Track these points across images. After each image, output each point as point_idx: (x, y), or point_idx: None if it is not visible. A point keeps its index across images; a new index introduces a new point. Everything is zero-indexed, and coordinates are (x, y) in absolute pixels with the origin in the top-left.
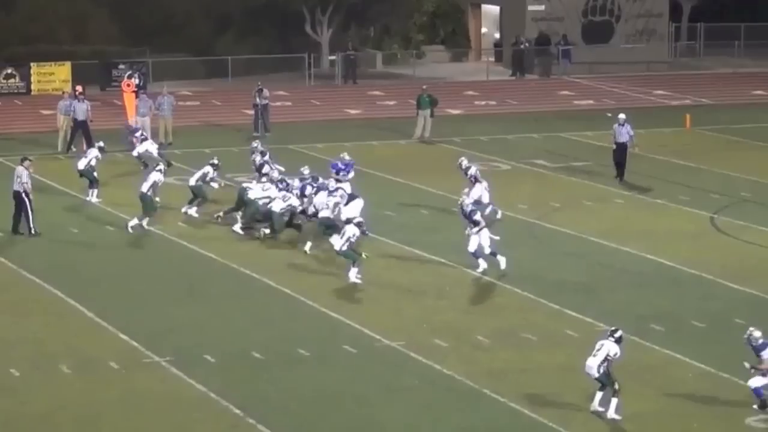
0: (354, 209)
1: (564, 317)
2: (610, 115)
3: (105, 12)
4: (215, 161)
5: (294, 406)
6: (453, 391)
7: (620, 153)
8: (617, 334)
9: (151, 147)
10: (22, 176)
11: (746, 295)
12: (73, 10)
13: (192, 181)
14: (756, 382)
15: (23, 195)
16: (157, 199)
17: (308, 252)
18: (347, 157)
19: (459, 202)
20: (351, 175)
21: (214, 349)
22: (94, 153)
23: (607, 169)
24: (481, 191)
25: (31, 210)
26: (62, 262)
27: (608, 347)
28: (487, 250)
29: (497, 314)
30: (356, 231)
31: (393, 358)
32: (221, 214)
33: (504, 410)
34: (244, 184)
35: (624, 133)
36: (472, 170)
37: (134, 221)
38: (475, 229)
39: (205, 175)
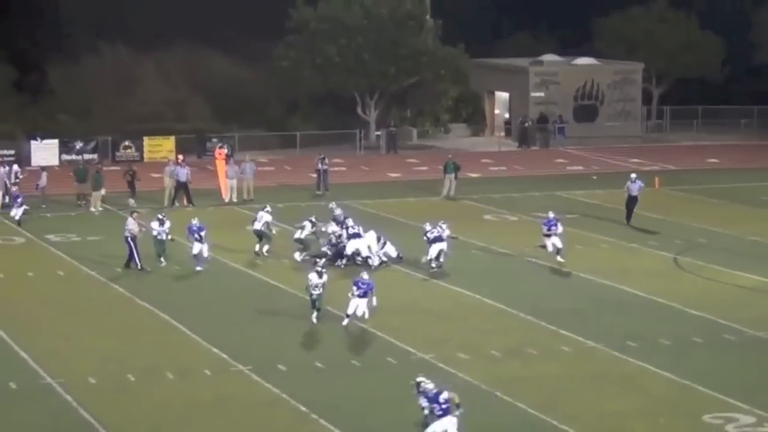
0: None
1: (560, 336)
2: (595, 177)
3: (201, 97)
4: (269, 209)
5: (349, 406)
6: (472, 394)
7: (631, 203)
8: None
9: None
10: (129, 225)
11: (702, 319)
12: (175, 96)
13: (257, 226)
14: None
15: (129, 240)
16: (274, 231)
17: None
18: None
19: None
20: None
21: (285, 360)
22: (265, 216)
23: (592, 220)
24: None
25: (137, 251)
26: (166, 291)
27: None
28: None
29: (506, 334)
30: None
31: (425, 367)
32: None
33: (512, 410)
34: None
35: (635, 188)
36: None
37: (263, 247)
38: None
39: (266, 222)
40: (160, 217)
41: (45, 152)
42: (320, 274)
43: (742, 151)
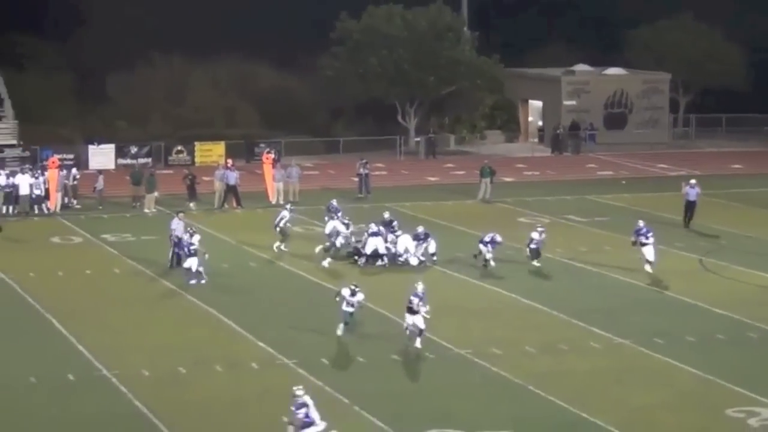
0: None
1: (590, 333)
2: (624, 182)
3: (250, 104)
4: (289, 207)
5: (389, 398)
6: (506, 387)
7: (689, 207)
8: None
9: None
10: (173, 225)
11: (726, 317)
12: (226, 103)
13: (279, 223)
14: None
15: (173, 239)
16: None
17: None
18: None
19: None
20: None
21: (328, 354)
22: (284, 213)
23: (620, 223)
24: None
25: (177, 252)
26: (214, 288)
27: None
28: None
29: (539, 330)
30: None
31: (462, 362)
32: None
33: (544, 404)
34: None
35: (693, 194)
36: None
37: (281, 244)
38: None
39: (282, 218)
40: (191, 230)
41: (102, 156)
42: (354, 292)
43: (765, 158)
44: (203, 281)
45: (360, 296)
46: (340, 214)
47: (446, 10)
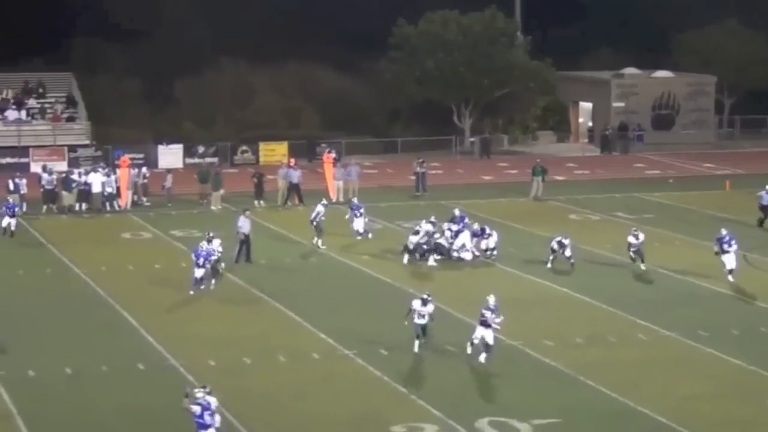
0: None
1: (637, 326)
2: (671, 181)
3: (312, 107)
4: (324, 202)
5: (443, 387)
6: (556, 377)
7: (765, 210)
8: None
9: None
10: (240, 222)
11: None
12: (289, 105)
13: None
14: None
15: (241, 236)
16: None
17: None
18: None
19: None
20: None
21: (386, 345)
22: (319, 208)
23: (667, 220)
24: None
25: (247, 246)
26: (278, 282)
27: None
28: None
29: (588, 323)
30: None
31: (514, 353)
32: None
33: (593, 392)
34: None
35: (766, 199)
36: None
37: (318, 240)
38: None
39: (318, 213)
40: (209, 236)
41: (171, 156)
42: (425, 302)
43: None
44: (211, 288)
45: (431, 306)
46: (362, 210)
47: (500, 16)
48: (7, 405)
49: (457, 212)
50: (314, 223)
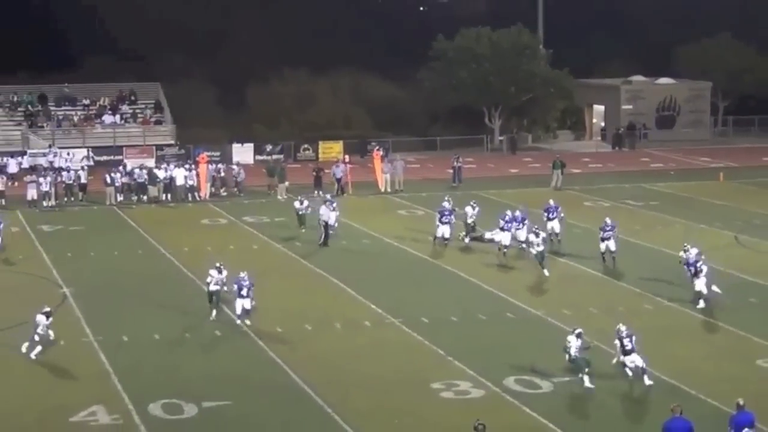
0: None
1: (643, 297)
2: (673, 173)
3: (363, 110)
4: (329, 198)
5: (476, 350)
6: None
7: None
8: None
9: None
10: (321, 211)
11: (757, 284)
12: (343, 109)
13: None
14: None
15: (321, 223)
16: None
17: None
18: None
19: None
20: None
21: (428, 314)
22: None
23: (669, 206)
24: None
25: (326, 233)
26: (336, 261)
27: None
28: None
29: (602, 296)
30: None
31: (537, 321)
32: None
33: (605, 354)
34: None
35: None
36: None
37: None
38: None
39: (307, 205)
40: (218, 265)
41: (243, 153)
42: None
43: None
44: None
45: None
46: (335, 205)
47: (525, 32)
48: (105, 366)
49: (517, 212)
50: (300, 213)
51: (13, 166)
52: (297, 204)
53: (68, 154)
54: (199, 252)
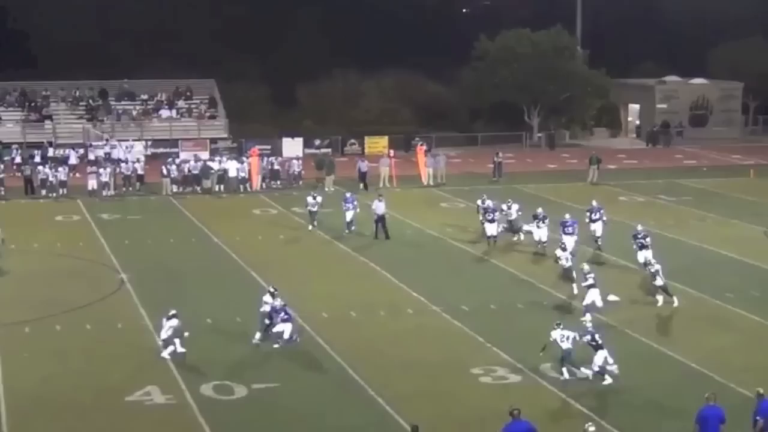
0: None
1: (674, 288)
2: (705, 169)
3: (408, 107)
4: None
5: (513, 337)
6: (607, 330)
7: None
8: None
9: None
10: (374, 205)
11: None
12: (389, 106)
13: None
14: None
15: (376, 217)
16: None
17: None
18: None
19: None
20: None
21: (468, 303)
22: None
23: (701, 201)
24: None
25: (383, 225)
26: (380, 250)
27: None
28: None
29: (634, 285)
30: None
31: (570, 308)
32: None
33: (635, 342)
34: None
35: None
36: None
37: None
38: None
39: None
40: (271, 290)
41: (293, 147)
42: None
43: None
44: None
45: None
46: (355, 203)
47: (563, 33)
48: (161, 348)
49: (540, 210)
50: (311, 210)
51: (74, 158)
52: (309, 199)
53: (126, 148)
54: (250, 240)
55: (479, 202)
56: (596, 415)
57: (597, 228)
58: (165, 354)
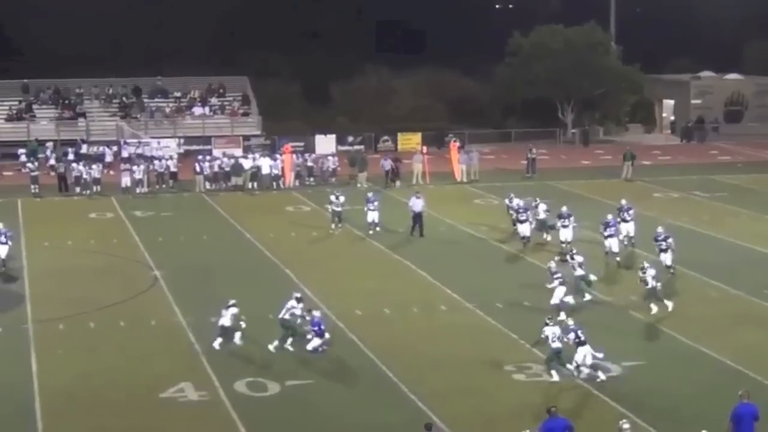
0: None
1: (710, 285)
2: (740, 165)
3: (441, 103)
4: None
5: None
6: (641, 326)
7: None
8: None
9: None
10: (411, 202)
11: None
12: (422, 102)
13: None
14: None
15: (413, 214)
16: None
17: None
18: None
19: None
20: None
21: (502, 300)
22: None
23: (736, 197)
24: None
25: (420, 223)
26: (413, 247)
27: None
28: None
29: (669, 282)
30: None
31: (607, 306)
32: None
33: (671, 339)
34: None
35: None
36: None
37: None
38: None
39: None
40: (297, 296)
41: (326, 144)
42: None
43: None
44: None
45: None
46: (377, 203)
47: (597, 29)
48: (194, 345)
49: (564, 209)
50: (335, 210)
51: (109, 156)
52: (333, 198)
53: (158, 143)
54: (283, 237)
55: (507, 201)
56: (630, 412)
57: (630, 228)
58: (216, 344)
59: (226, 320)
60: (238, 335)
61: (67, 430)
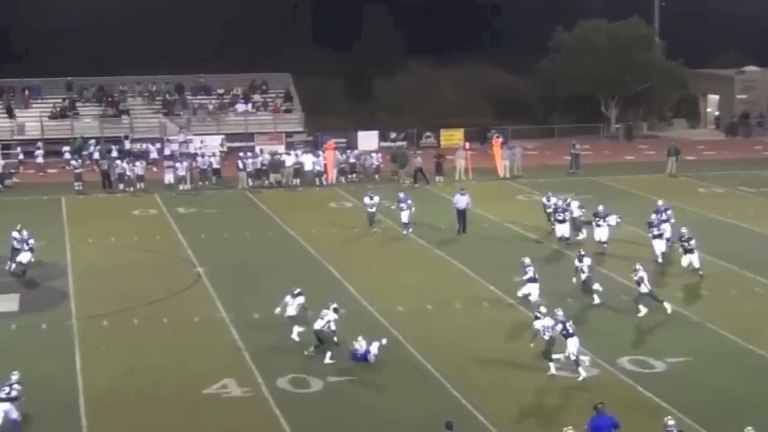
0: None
1: (755, 281)
2: None
3: (484, 99)
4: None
5: (592, 331)
6: (687, 323)
7: None
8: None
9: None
10: (455, 199)
11: None
12: (465, 98)
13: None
14: None
15: (458, 210)
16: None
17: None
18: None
19: None
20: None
21: (544, 296)
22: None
23: None
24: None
25: (463, 219)
26: (455, 243)
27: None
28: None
29: (714, 278)
30: None
31: (649, 303)
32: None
33: (718, 336)
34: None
35: None
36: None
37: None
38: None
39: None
40: (334, 306)
41: (368, 140)
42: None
43: None
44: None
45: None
46: (409, 202)
47: (641, 23)
48: (237, 341)
49: (600, 208)
50: (369, 211)
51: (154, 153)
52: (366, 200)
53: (201, 142)
54: (326, 233)
55: (544, 200)
56: (675, 408)
57: (665, 229)
58: (294, 335)
59: (292, 310)
60: (296, 330)
61: (110, 427)
